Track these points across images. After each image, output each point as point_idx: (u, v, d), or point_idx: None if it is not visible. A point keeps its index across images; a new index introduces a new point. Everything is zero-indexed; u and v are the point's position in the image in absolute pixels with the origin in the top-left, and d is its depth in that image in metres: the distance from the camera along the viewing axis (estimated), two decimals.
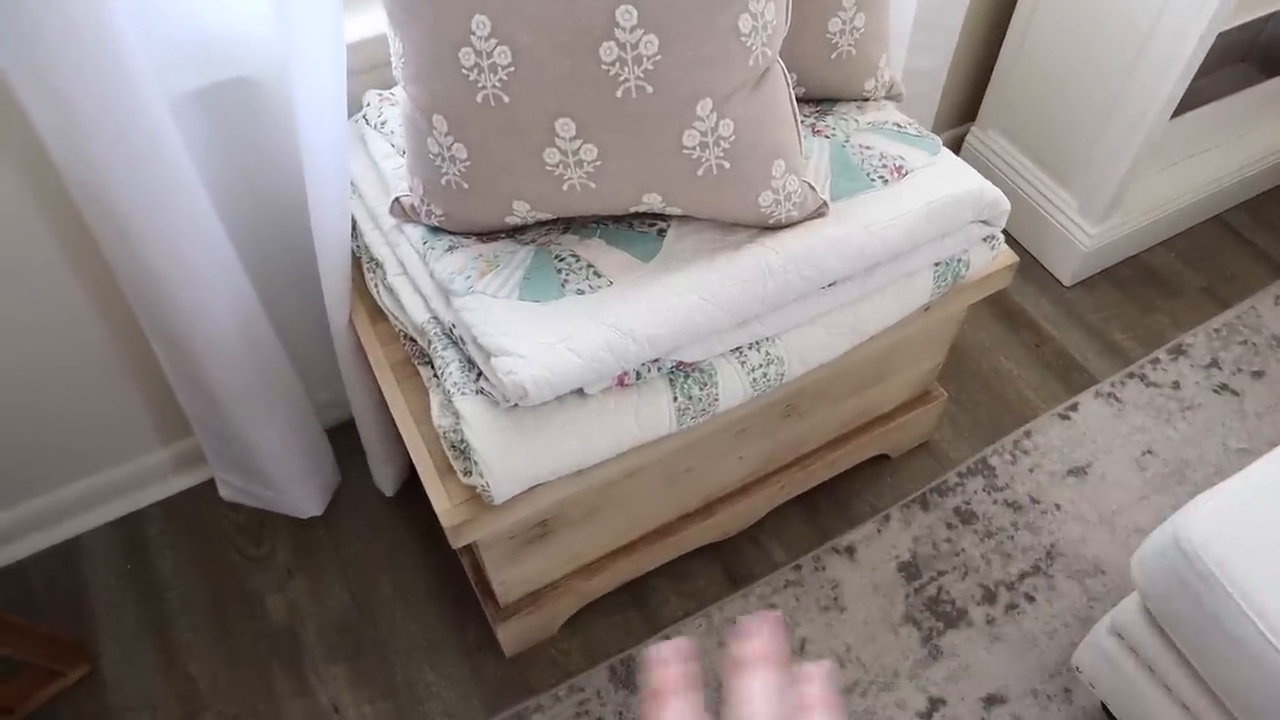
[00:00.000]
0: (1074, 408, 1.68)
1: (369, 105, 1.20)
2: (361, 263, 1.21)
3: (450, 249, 1.04)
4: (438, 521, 1.55)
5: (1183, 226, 1.94)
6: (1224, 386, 1.71)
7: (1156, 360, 1.75)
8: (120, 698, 1.38)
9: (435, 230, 1.07)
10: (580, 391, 0.98)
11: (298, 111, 0.98)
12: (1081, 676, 1.26)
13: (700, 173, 0.96)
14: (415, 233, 1.08)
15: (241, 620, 1.46)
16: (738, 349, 1.05)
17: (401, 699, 1.38)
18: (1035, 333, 1.79)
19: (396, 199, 1.09)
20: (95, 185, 0.99)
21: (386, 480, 1.54)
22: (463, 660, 1.42)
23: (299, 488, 1.48)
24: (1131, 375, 1.72)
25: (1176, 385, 1.71)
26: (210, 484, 1.60)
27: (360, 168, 1.18)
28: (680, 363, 1.01)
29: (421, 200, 1.05)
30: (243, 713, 1.38)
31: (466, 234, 1.07)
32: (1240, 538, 0.99)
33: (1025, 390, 1.71)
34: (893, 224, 1.05)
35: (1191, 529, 1.01)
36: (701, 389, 1.03)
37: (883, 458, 1.61)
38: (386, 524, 1.56)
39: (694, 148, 0.94)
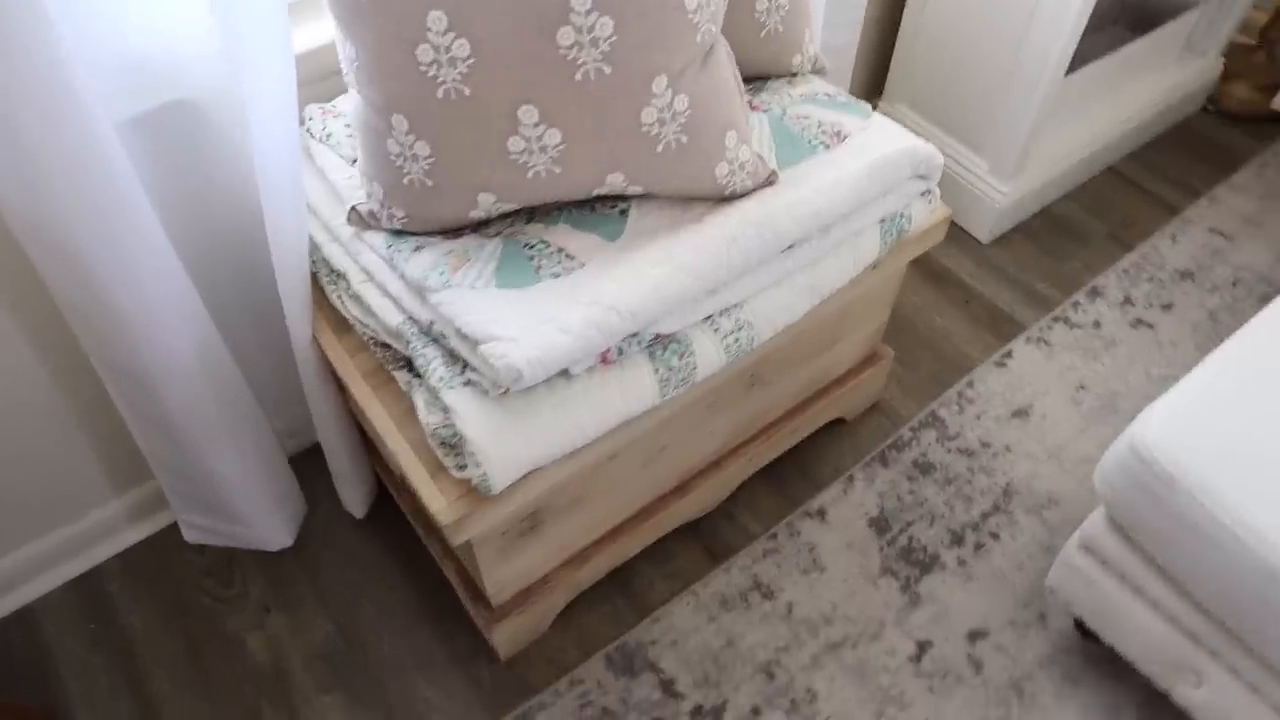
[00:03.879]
0: (1009, 355, 1.77)
1: (311, 119, 1.20)
2: (319, 278, 1.20)
3: (418, 249, 1.04)
4: (412, 538, 1.55)
5: (1082, 179, 2.06)
6: (1139, 321, 1.83)
7: (1076, 303, 1.86)
8: None
9: (398, 233, 1.08)
10: (566, 373, 1.00)
11: (250, 126, 0.98)
12: (1056, 597, 1.33)
13: (660, 149, 0.99)
14: (377, 239, 1.09)
15: (222, 664, 1.42)
16: (709, 318, 1.09)
17: (401, 718, 1.37)
18: (963, 290, 1.88)
19: (353, 207, 1.10)
20: (46, 220, 0.96)
21: (356, 502, 1.52)
22: (457, 670, 1.41)
23: (268, 519, 1.45)
24: (1056, 319, 1.83)
25: (1097, 324, 1.82)
26: (170, 530, 1.55)
27: (309, 183, 1.17)
28: (658, 335, 1.04)
29: (381, 204, 1.05)
30: None
31: (430, 234, 1.07)
32: (1192, 439, 1.07)
33: (961, 344, 1.79)
34: (840, 184, 1.11)
35: (1147, 437, 1.09)
36: (680, 359, 1.06)
37: (839, 422, 1.67)
38: (359, 548, 1.54)
39: (652, 124, 0.97)
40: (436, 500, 1.03)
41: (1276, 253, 1.94)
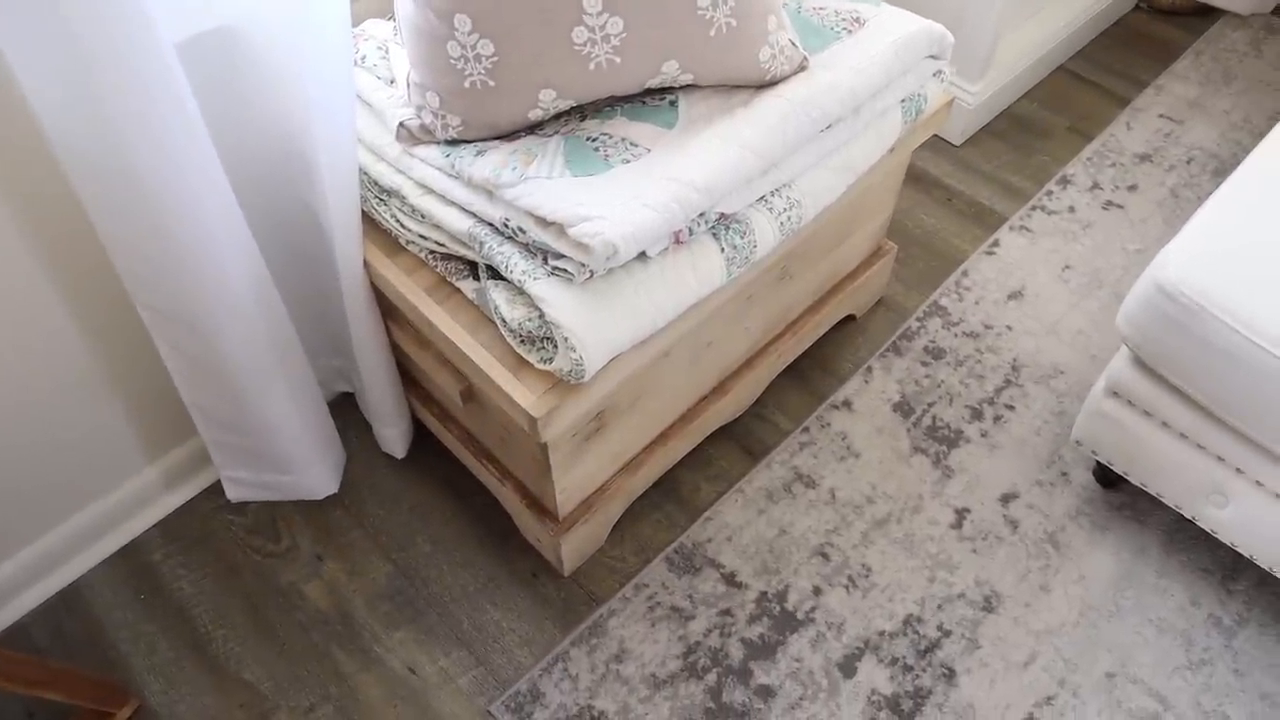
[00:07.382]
0: (996, 244, 1.87)
1: None
2: (364, 202, 1.20)
3: (479, 153, 1.06)
4: (455, 472, 1.56)
5: (1037, 79, 2.17)
6: (1110, 203, 1.94)
7: (1050, 192, 1.96)
8: None
9: (453, 143, 1.09)
10: (643, 256, 1.03)
11: (301, 49, 0.98)
12: (1083, 448, 1.42)
13: (713, 33, 1.03)
14: (430, 152, 1.10)
15: (283, 616, 1.42)
16: (763, 198, 1.13)
17: (474, 643, 1.39)
18: (944, 190, 1.97)
19: (401, 124, 1.10)
20: (107, 146, 0.95)
21: (396, 442, 1.52)
22: (522, 591, 1.43)
23: (317, 466, 1.44)
24: (1034, 208, 1.93)
25: (1072, 209, 1.93)
26: (204, 496, 1.54)
27: None
28: (721, 215, 1.08)
29: (436, 114, 1.06)
30: (317, 701, 1.34)
31: (484, 140, 1.09)
32: (1210, 270, 1.16)
33: (950, 238, 1.88)
34: (872, 63, 1.16)
35: (1170, 274, 1.17)
36: (742, 238, 1.10)
37: (849, 320, 1.73)
38: (401, 488, 1.54)
39: (706, 8, 1.01)
40: (524, 395, 1.05)
41: (1222, 131, 2.07)
